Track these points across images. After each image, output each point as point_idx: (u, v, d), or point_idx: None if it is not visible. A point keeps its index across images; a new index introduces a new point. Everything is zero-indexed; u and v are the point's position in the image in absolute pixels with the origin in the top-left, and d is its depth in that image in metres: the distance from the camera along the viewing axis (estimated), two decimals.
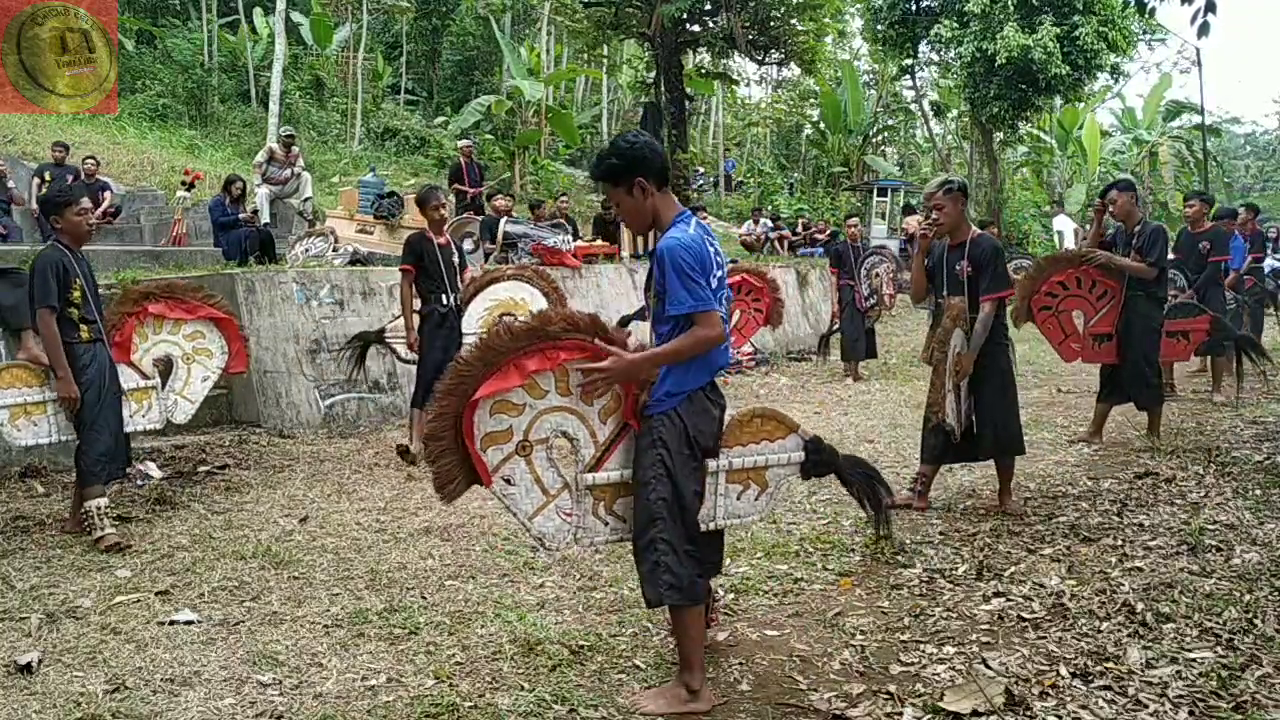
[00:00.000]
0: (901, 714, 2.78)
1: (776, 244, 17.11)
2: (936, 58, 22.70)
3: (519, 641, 3.32)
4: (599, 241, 11.96)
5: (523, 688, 2.99)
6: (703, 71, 22.46)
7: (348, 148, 20.81)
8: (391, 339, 6.72)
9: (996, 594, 3.68)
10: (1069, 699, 2.81)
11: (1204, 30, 5.42)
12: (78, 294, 4.60)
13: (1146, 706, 2.76)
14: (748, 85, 33.96)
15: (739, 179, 27.09)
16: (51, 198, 4.83)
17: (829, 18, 19.53)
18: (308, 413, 7.38)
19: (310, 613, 3.65)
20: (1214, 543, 4.11)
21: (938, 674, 3.04)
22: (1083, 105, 24.83)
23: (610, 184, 2.91)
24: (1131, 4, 7.44)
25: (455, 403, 2.79)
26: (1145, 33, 24.02)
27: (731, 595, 3.78)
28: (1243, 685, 2.83)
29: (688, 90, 20.69)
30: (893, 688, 2.95)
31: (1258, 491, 4.94)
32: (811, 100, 29.91)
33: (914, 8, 20.24)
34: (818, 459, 3.10)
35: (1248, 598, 3.43)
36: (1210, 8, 5.38)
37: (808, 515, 4.91)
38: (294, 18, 21.43)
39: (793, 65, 21.11)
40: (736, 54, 19.70)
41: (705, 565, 2.98)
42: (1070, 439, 6.64)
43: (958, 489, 5.40)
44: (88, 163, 11.56)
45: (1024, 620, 3.43)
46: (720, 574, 3.30)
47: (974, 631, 3.36)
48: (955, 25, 18.64)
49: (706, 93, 27.18)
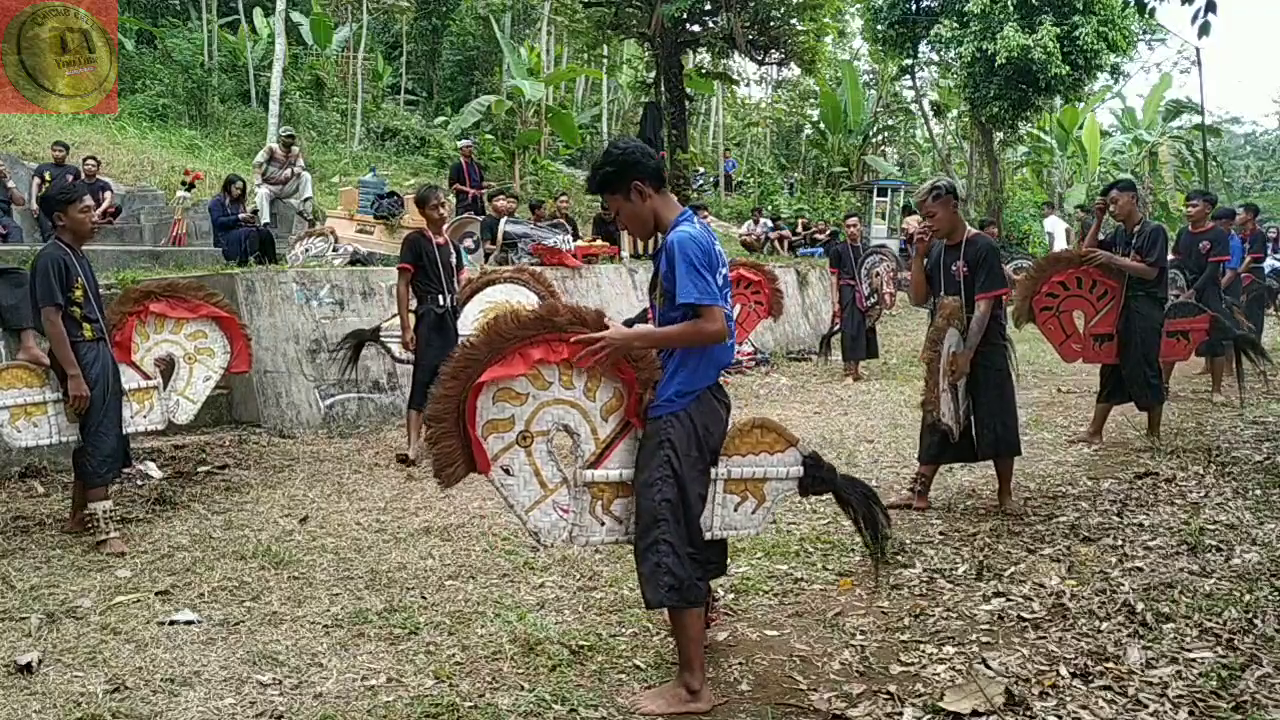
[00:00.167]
0: (901, 714, 2.78)
1: (776, 244, 17.13)
2: (936, 58, 22.72)
3: (519, 641, 3.32)
4: (599, 242, 11.95)
5: (523, 688, 2.99)
6: (703, 71, 22.42)
7: (348, 148, 20.77)
8: (386, 338, 6.72)
9: (996, 594, 3.69)
10: (1069, 699, 2.82)
11: (1204, 30, 5.43)
12: (80, 293, 4.58)
13: (1146, 706, 2.76)
14: (748, 85, 33.96)
15: (739, 179, 27.05)
16: (55, 195, 4.81)
17: (829, 18, 19.45)
18: (308, 413, 7.38)
19: (310, 613, 3.65)
20: (1214, 543, 4.12)
21: (938, 674, 3.04)
22: (1083, 105, 24.81)
23: (609, 192, 2.91)
24: (1131, 4, 7.44)
25: (459, 386, 2.79)
26: (1145, 33, 24.08)
27: (731, 595, 3.78)
28: (1243, 685, 2.83)
29: (688, 90, 20.65)
30: (893, 688, 2.95)
31: (1258, 491, 4.95)
32: (811, 100, 29.92)
33: (914, 8, 20.24)
34: (816, 476, 3.07)
35: (1248, 598, 3.44)
36: (1210, 7, 5.38)
37: (808, 515, 4.91)
38: (294, 18, 21.43)
39: (793, 65, 21.07)
40: (736, 54, 19.66)
41: (708, 567, 2.98)
42: (1070, 439, 6.65)
43: (958, 489, 5.40)
44: (88, 163, 11.55)
45: (1024, 620, 3.43)
46: (723, 575, 3.29)
47: (974, 631, 3.36)
48: (955, 25, 18.65)
49: (706, 93, 27.16)
